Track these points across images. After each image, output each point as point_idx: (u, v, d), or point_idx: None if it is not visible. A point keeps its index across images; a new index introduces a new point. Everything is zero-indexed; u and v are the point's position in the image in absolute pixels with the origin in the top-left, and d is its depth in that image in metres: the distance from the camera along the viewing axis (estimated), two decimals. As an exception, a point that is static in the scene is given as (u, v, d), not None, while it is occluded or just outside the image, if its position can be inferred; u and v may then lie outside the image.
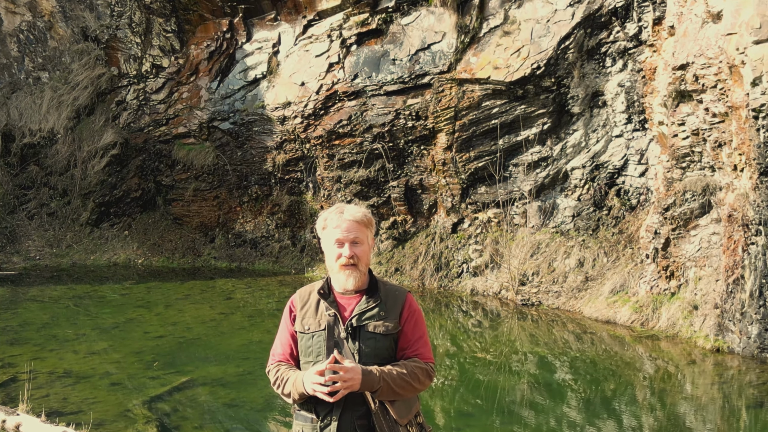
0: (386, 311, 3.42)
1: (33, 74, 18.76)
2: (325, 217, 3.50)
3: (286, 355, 3.52)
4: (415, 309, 3.50)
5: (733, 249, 10.54)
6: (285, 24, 17.19)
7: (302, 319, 3.46)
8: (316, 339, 3.40)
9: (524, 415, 8.79)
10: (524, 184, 14.72)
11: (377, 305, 3.42)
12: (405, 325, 3.45)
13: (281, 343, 3.55)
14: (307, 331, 3.43)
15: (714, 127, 11.06)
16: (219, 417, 8.55)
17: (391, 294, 3.49)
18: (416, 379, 3.37)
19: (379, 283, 3.51)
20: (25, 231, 17.67)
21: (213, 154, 17.75)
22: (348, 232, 3.42)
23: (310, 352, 3.40)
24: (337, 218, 3.44)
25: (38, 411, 7.67)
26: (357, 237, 3.43)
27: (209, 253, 17.63)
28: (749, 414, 8.92)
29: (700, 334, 10.92)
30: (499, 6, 14.84)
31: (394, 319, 3.42)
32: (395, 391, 3.31)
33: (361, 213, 3.47)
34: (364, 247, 3.45)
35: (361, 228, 3.45)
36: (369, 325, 3.38)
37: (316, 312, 3.45)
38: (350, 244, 3.41)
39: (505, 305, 13.81)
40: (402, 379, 3.32)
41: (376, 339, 3.37)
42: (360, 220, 3.45)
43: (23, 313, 12.96)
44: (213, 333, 12.05)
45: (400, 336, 3.44)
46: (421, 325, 3.50)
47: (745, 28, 10.23)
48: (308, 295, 3.54)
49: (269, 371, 3.52)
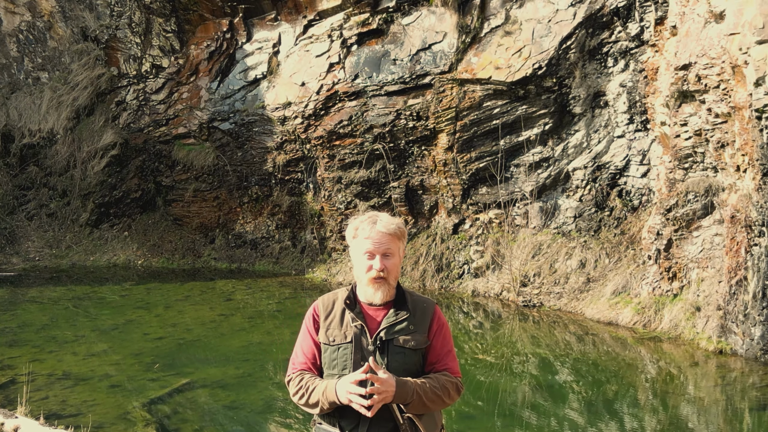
0: (415, 325, 3.29)
1: (32, 74, 18.71)
2: (356, 226, 3.33)
3: (309, 364, 3.34)
4: (443, 322, 3.39)
5: (736, 250, 10.49)
6: (285, 24, 17.14)
7: (326, 330, 3.30)
8: (342, 351, 3.24)
9: (526, 417, 8.77)
10: (525, 185, 14.67)
11: (406, 318, 3.29)
12: (434, 339, 3.32)
13: (303, 352, 3.36)
14: (332, 342, 3.27)
15: (716, 128, 11.01)
16: (219, 419, 8.53)
17: (420, 306, 3.36)
18: (447, 393, 3.26)
19: (407, 294, 3.38)
20: (25, 232, 17.63)
21: (213, 154, 17.70)
22: (380, 244, 3.26)
23: (335, 365, 3.25)
24: (369, 228, 3.28)
25: (37, 413, 7.65)
26: (389, 249, 3.27)
27: (209, 254, 17.58)
28: (752, 416, 8.89)
29: (702, 336, 10.87)
30: (500, 6, 14.79)
31: (423, 332, 3.30)
32: (426, 405, 3.19)
33: (394, 225, 3.31)
34: (395, 260, 3.30)
35: (394, 240, 3.29)
36: (398, 338, 3.25)
37: (341, 323, 3.29)
38: (381, 257, 3.25)
39: (507, 306, 13.77)
40: (434, 392, 3.20)
41: (405, 353, 3.25)
42: (393, 232, 3.29)
43: (22, 315, 12.92)
44: (213, 334, 12.02)
45: (428, 350, 3.31)
46: (449, 339, 3.39)
47: (748, 28, 10.17)
48: (332, 304, 3.37)
49: (290, 380, 3.33)
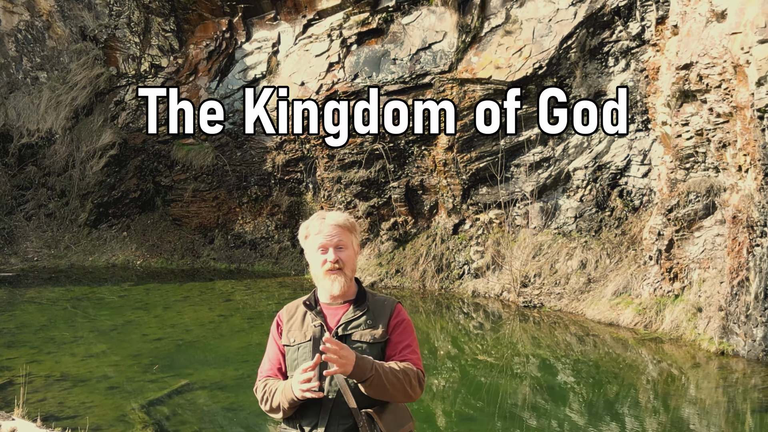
0: (373, 320, 3.31)
1: (31, 74, 18.65)
2: (306, 225, 3.40)
3: (275, 370, 3.38)
4: (403, 318, 3.38)
5: (738, 251, 10.45)
6: (285, 23, 17.10)
7: (288, 332, 3.36)
8: (301, 351, 3.28)
9: (526, 419, 8.75)
10: (526, 185, 14.62)
11: (364, 314, 3.32)
12: (393, 333, 3.33)
13: (269, 359, 3.42)
14: (292, 343, 3.32)
15: (718, 128, 10.96)
16: (218, 421, 8.49)
17: (379, 303, 3.39)
18: (408, 381, 3.21)
19: (368, 293, 3.42)
20: (23, 232, 17.58)
21: (212, 154, 17.65)
22: (332, 236, 3.31)
23: (296, 365, 3.26)
24: (318, 224, 3.34)
25: (34, 415, 7.62)
26: (341, 241, 3.32)
27: (208, 255, 17.53)
28: (754, 418, 8.86)
29: (704, 337, 10.83)
30: (500, 5, 14.74)
31: (382, 327, 3.31)
32: (386, 387, 3.15)
33: (343, 217, 3.37)
34: (349, 252, 3.33)
35: (345, 232, 3.34)
36: (355, 333, 3.27)
37: (302, 324, 3.34)
38: (334, 249, 3.30)
39: (507, 307, 13.72)
40: (394, 375, 3.17)
41: (362, 348, 3.24)
42: (343, 224, 3.34)
43: (20, 315, 12.87)
44: (212, 335, 11.99)
45: (387, 345, 3.32)
46: (409, 333, 3.38)
47: (750, 27, 10.13)
48: (295, 308, 3.43)
49: (257, 389, 3.37)
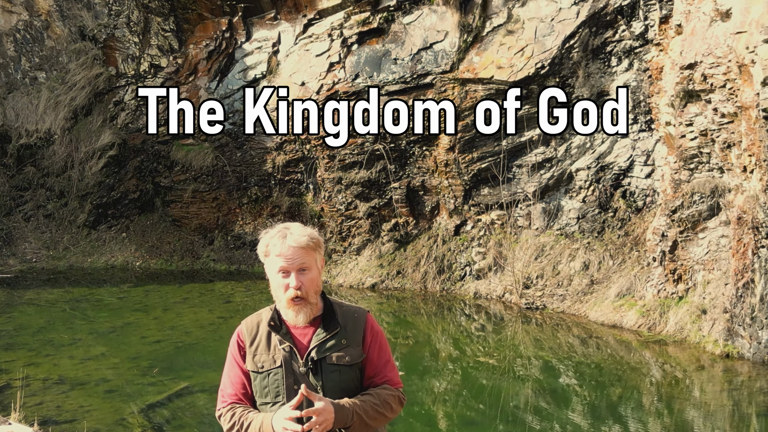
0: (347, 338, 3.13)
1: (30, 74, 18.57)
2: (266, 243, 3.15)
3: (239, 395, 3.15)
4: (377, 330, 3.23)
5: (743, 252, 10.36)
6: (285, 23, 17.02)
7: (254, 356, 3.13)
8: (272, 378, 3.08)
9: (528, 422, 8.73)
10: (528, 186, 14.54)
11: (337, 333, 3.13)
12: (369, 351, 3.17)
13: (232, 383, 3.17)
14: (261, 369, 3.11)
15: (723, 128, 10.88)
16: (218, 424, 8.38)
17: (350, 317, 3.19)
18: (389, 408, 3.13)
19: (335, 306, 3.21)
20: (22, 233, 17.49)
21: (212, 155, 17.57)
22: (293, 259, 3.08)
23: (267, 392, 3.09)
24: (280, 244, 3.09)
25: (31, 419, 7.56)
26: (304, 263, 3.09)
27: (208, 256, 17.45)
28: (759, 421, 8.82)
29: (708, 339, 10.75)
30: (502, 4, 14.66)
31: (357, 346, 3.14)
32: (368, 425, 3.06)
33: (306, 236, 3.12)
34: (312, 275, 3.11)
35: (308, 253, 3.11)
36: (330, 356, 3.09)
37: (269, 346, 3.12)
38: (297, 273, 3.08)
39: (509, 309, 13.65)
40: (375, 410, 3.07)
41: (340, 371, 3.10)
42: (306, 245, 3.10)
43: (18, 317, 12.80)
44: (212, 337, 11.93)
45: (366, 363, 3.17)
46: (386, 348, 3.24)
47: (755, 27, 10.06)
48: (257, 327, 3.19)
49: (221, 415, 3.15)
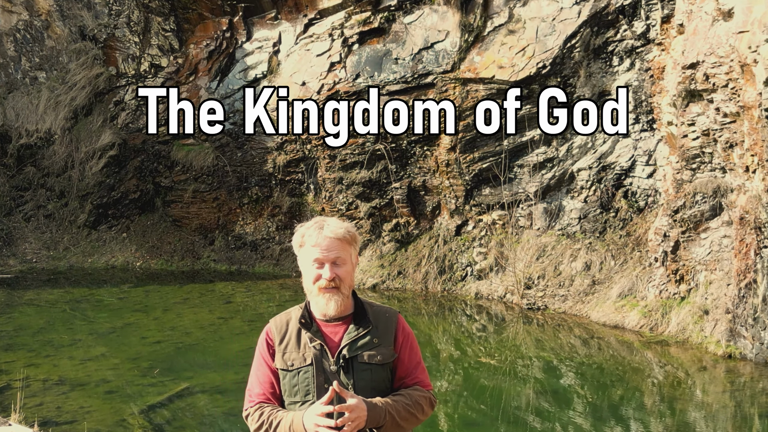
0: (379, 338, 3.08)
1: (30, 74, 18.54)
2: (302, 233, 3.10)
3: (267, 395, 3.10)
4: (408, 332, 3.19)
5: (745, 252, 10.33)
6: (285, 23, 16.98)
7: (283, 354, 3.08)
8: (302, 376, 3.03)
9: (530, 423, 8.71)
10: (529, 186, 14.50)
11: (369, 332, 3.08)
12: (401, 351, 3.12)
13: (260, 382, 3.13)
14: (291, 367, 3.05)
15: (725, 128, 10.84)
16: (218, 425, 8.43)
17: (382, 317, 3.14)
18: (420, 410, 3.09)
19: (366, 305, 3.16)
20: (22, 233, 17.46)
21: (212, 155, 17.54)
22: (328, 251, 3.02)
23: (297, 391, 3.04)
24: (316, 235, 3.05)
25: (31, 420, 7.54)
26: (339, 256, 3.04)
27: (208, 256, 17.41)
28: (762, 422, 8.79)
29: (711, 340, 10.72)
30: (503, 4, 14.62)
31: (389, 345, 3.09)
32: (399, 426, 3.01)
33: (343, 229, 3.08)
34: (347, 268, 3.07)
35: (344, 246, 3.06)
36: (362, 354, 3.04)
37: (299, 344, 3.07)
38: (331, 265, 3.03)
39: (510, 309, 13.61)
40: (407, 410, 3.03)
41: (372, 370, 3.04)
42: (342, 237, 3.06)
43: (18, 318, 12.77)
44: (212, 338, 11.91)
45: (397, 364, 3.12)
46: (416, 350, 3.20)
47: (758, 26, 10.02)
48: (286, 325, 3.14)
49: (248, 415, 3.09)
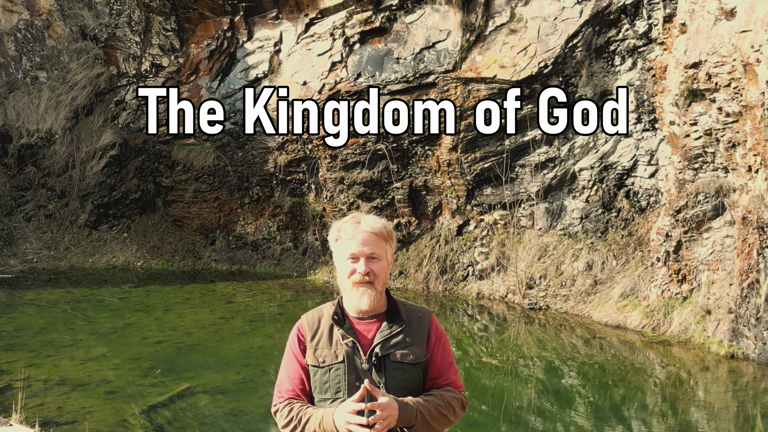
0: (412, 337, 3.03)
1: (30, 74, 18.52)
2: (338, 227, 3.08)
3: (297, 391, 3.06)
4: (441, 332, 3.15)
5: (748, 252, 10.30)
6: (287, 22, 16.96)
7: (314, 351, 3.03)
8: (334, 373, 2.99)
9: (532, 423, 8.70)
10: (531, 186, 14.48)
11: (402, 331, 3.03)
12: (434, 351, 3.08)
13: (290, 378, 3.09)
14: (322, 364, 3.01)
15: (727, 127, 10.82)
16: (220, 425, 8.41)
17: (415, 316, 3.10)
18: (452, 411, 3.03)
19: (399, 304, 3.12)
20: (23, 233, 17.44)
21: (213, 154, 17.51)
22: (364, 245, 3.00)
23: (327, 388, 3.00)
24: (352, 229, 3.02)
25: (32, 420, 7.51)
26: (374, 252, 3.01)
27: (209, 256, 17.39)
28: (764, 422, 8.78)
29: (713, 340, 10.70)
30: (505, 3, 14.60)
31: (421, 345, 3.05)
32: (431, 426, 2.97)
33: (380, 224, 3.05)
34: (382, 264, 3.03)
35: (380, 241, 3.03)
36: (395, 353, 2.99)
37: (330, 341, 3.03)
38: (366, 260, 3.00)
39: (512, 309, 13.59)
40: (439, 411, 2.98)
41: (404, 369, 3.00)
42: (379, 232, 3.03)
43: (19, 318, 12.75)
44: (213, 338, 11.89)
45: (429, 364, 3.07)
46: (449, 350, 3.16)
47: (760, 25, 10.00)
48: (318, 321, 3.10)
49: (277, 410, 3.06)
